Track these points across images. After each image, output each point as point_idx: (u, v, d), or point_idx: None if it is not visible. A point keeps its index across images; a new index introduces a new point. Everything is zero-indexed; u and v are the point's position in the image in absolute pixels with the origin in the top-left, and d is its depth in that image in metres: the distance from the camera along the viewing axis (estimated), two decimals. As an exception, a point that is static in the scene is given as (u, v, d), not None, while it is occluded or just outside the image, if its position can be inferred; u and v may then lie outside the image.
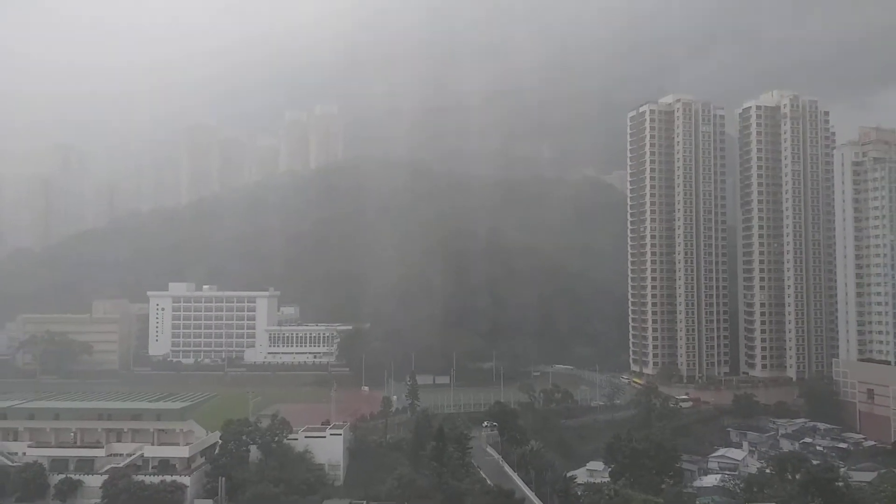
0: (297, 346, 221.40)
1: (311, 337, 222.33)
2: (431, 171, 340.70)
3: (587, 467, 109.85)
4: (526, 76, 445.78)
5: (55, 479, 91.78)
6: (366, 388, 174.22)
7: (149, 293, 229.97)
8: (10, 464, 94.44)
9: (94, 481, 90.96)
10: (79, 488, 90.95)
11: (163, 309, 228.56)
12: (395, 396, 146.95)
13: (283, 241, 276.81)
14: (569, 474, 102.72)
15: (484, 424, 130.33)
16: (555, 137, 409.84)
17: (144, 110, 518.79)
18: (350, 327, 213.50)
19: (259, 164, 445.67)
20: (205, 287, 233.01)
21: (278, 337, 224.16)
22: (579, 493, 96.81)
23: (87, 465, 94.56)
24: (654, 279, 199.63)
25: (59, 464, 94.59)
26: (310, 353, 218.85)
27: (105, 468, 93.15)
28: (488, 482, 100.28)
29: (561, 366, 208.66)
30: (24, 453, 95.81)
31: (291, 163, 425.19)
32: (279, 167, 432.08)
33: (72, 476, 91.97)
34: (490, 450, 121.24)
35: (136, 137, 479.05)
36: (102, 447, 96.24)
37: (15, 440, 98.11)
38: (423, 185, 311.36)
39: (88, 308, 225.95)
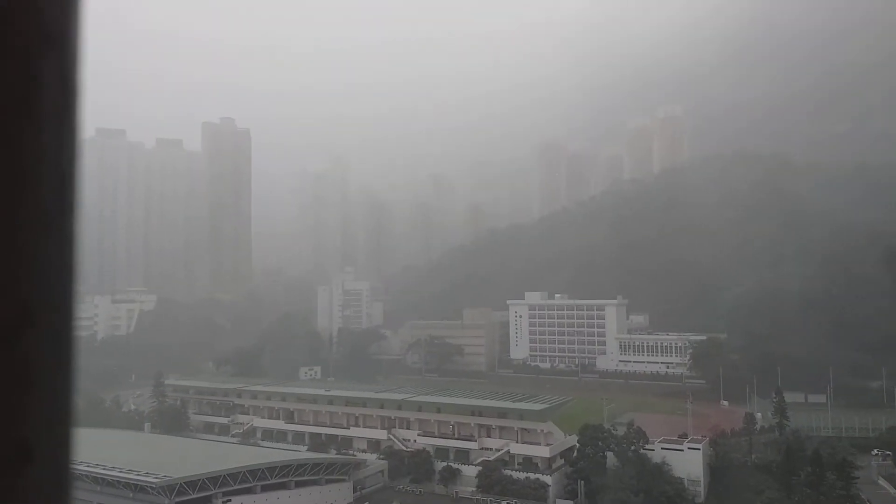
0: (647, 354, 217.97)
1: (661, 346, 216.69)
2: (789, 163, 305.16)
3: None
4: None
5: (439, 465, 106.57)
6: (725, 403, 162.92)
7: (508, 302, 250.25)
8: (404, 449, 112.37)
9: (470, 471, 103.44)
10: (458, 476, 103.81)
11: (520, 316, 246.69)
12: (759, 414, 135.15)
13: (629, 249, 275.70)
14: None
15: (874, 452, 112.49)
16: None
17: (499, 131, 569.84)
18: (704, 337, 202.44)
19: (603, 174, 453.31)
20: (556, 296, 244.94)
21: (628, 345, 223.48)
22: None
23: (463, 456, 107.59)
24: None
25: (442, 452, 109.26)
26: (662, 362, 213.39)
27: (478, 460, 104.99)
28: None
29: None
30: (415, 440, 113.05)
31: (635, 170, 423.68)
32: (623, 175, 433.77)
33: (451, 464, 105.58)
34: (883, 482, 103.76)
35: (493, 160, 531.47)
36: (475, 440, 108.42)
37: (407, 429, 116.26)
38: (782, 180, 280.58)
39: (460, 315, 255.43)
